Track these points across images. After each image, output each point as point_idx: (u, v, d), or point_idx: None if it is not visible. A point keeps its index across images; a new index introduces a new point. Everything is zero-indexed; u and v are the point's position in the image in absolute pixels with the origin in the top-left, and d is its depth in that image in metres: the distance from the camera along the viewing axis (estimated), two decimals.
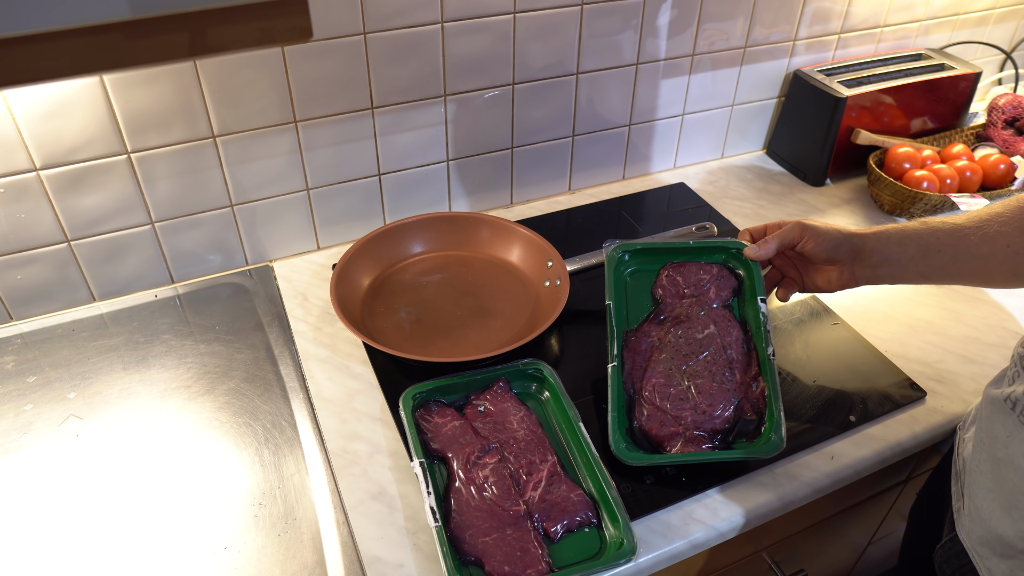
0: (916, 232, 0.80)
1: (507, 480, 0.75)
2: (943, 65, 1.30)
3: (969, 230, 0.77)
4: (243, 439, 0.83)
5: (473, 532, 0.71)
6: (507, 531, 0.71)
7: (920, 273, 0.80)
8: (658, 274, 0.90)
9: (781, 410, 0.78)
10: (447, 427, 0.81)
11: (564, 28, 1.05)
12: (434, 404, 0.83)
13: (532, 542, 0.71)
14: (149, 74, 0.86)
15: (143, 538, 0.73)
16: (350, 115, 0.99)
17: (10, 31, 0.43)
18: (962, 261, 0.78)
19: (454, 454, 0.78)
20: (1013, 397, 0.68)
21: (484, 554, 0.70)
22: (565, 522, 0.73)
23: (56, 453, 0.81)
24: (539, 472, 0.76)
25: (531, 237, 1.05)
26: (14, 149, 0.84)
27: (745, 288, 0.88)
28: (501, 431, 0.81)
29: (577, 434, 0.79)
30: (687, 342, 0.83)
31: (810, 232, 0.81)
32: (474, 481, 0.75)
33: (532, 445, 0.79)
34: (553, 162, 1.20)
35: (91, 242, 0.95)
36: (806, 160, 1.29)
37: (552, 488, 0.75)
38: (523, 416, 0.82)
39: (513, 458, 0.78)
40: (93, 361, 0.92)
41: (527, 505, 0.74)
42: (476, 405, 0.84)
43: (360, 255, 1.02)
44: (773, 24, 1.21)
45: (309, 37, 0.52)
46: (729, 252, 0.90)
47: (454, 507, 0.74)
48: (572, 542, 0.72)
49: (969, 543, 0.73)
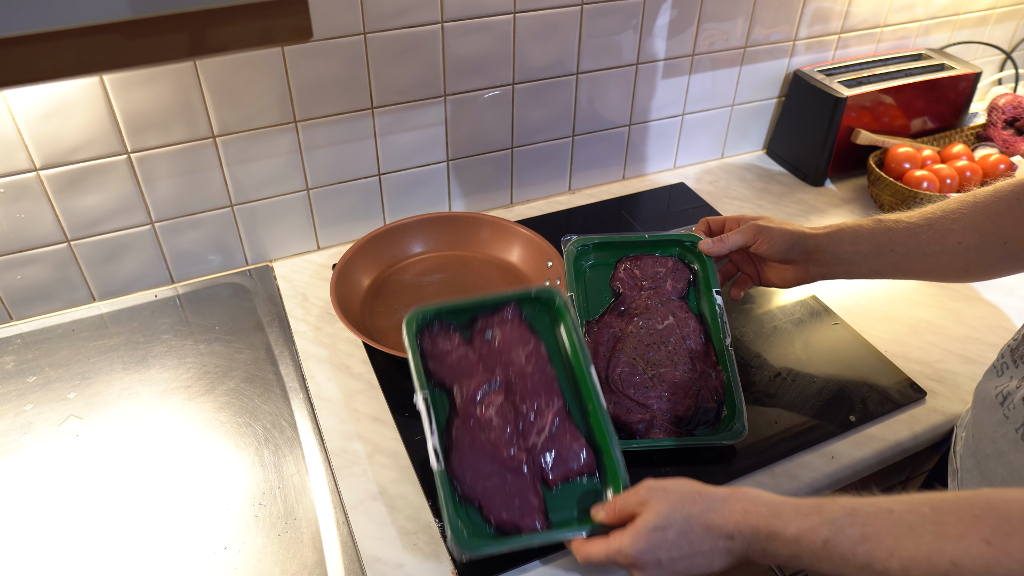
0: (869, 231, 0.81)
1: (511, 422, 0.73)
2: (943, 65, 1.30)
3: (921, 228, 0.79)
4: (243, 439, 0.83)
5: (473, 474, 0.70)
6: (507, 477, 0.70)
7: (873, 270, 0.82)
8: (616, 267, 0.92)
9: (742, 399, 0.80)
10: (453, 355, 0.76)
11: (564, 28, 1.05)
12: (439, 327, 0.78)
13: (531, 491, 0.70)
14: (149, 74, 0.86)
15: (143, 538, 0.73)
16: (350, 115, 0.99)
17: (10, 31, 0.43)
18: (914, 259, 0.79)
19: (458, 386, 0.74)
20: (1004, 392, 0.68)
21: (483, 498, 0.69)
22: (565, 471, 0.72)
23: (56, 453, 0.81)
24: (544, 417, 0.74)
25: (531, 237, 1.05)
26: (14, 149, 0.84)
27: (700, 281, 0.90)
28: (508, 364, 0.77)
29: (587, 379, 0.75)
30: (648, 332, 0.85)
31: (764, 234, 0.83)
32: (477, 420, 0.73)
33: (540, 386, 0.75)
34: (553, 162, 1.20)
35: (91, 242, 0.95)
36: (806, 160, 1.29)
37: (556, 435, 0.73)
38: (532, 350, 0.77)
39: (519, 398, 0.75)
40: (93, 361, 0.92)
41: (529, 451, 0.72)
42: (484, 330, 0.79)
43: (360, 255, 1.02)
44: (773, 24, 1.21)
45: (309, 37, 0.52)
46: (683, 246, 0.92)
47: (456, 445, 0.71)
48: (570, 491, 0.72)
49: None
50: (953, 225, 0.77)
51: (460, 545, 0.65)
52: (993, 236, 0.75)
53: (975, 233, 0.76)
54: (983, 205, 0.76)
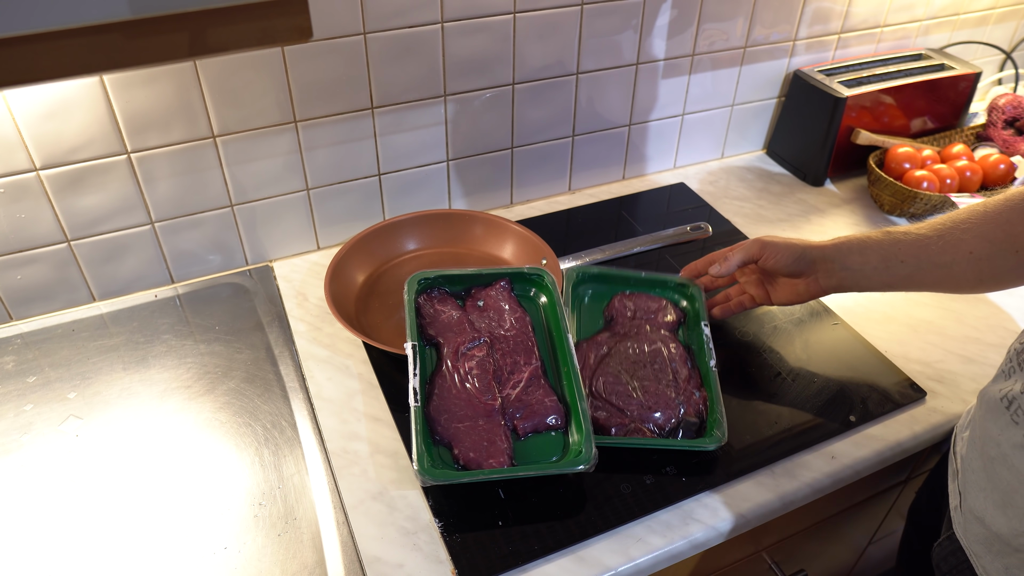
0: (877, 242, 0.80)
1: (489, 374, 0.81)
2: (943, 65, 1.30)
3: (931, 239, 0.77)
4: (243, 439, 0.83)
5: (448, 417, 0.77)
6: (479, 421, 0.76)
7: (884, 283, 0.81)
8: (611, 299, 0.96)
9: (723, 412, 0.81)
10: (445, 315, 0.86)
11: (564, 28, 1.05)
12: (437, 292, 0.88)
13: (500, 435, 0.76)
14: (149, 74, 0.86)
15: (143, 538, 0.73)
16: (350, 115, 0.99)
17: (10, 31, 0.43)
18: (925, 270, 0.78)
19: (446, 341, 0.83)
20: (1010, 395, 0.68)
21: (454, 438, 0.75)
22: (535, 422, 0.78)
23: (56, 453, 0.81)
24: (521, 372, 0.82)
25: (524, 234, 1.05)
26: (14, 149, 0.84)
27: (689, 318, 0.94)
28: (495, 328, 0.86)
29: (564, 344, 0.83)
30: (635, 352, 0.87)
31: (770, 248, 0.84)
32: (459, 370, 0.80)
33: (520, 346, 0.84)
34: (553, 162, 1.20)
35: (91, 242, 0.95)
36: (806, 160, 1.29)
37: (530, 389, 0.80)
38: (518, 317, 0.87)
39: (500, 355, 0.83)
40: (93, 361, 0.92)
41: (503, 400, 0.79)
42: (476, 299, 0.89)
43: (354, 252, 1.02)
44: (773, 24, 1.21)
45: (309, 37, 0.52)
46: (675, 288, 0.96)
47: (436, 391, 0.79)
48: (538, 442, 0.78)
49: (965, 541, 0.73)
50: (964, 235, 0.76)
51: (423, 473, 0.70)
52: (1005, 245, 0.74)
53: (986, 242, 0.75)
54: (994, 214, 0.75)
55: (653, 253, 1.11)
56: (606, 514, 0.75)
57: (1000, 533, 0.68)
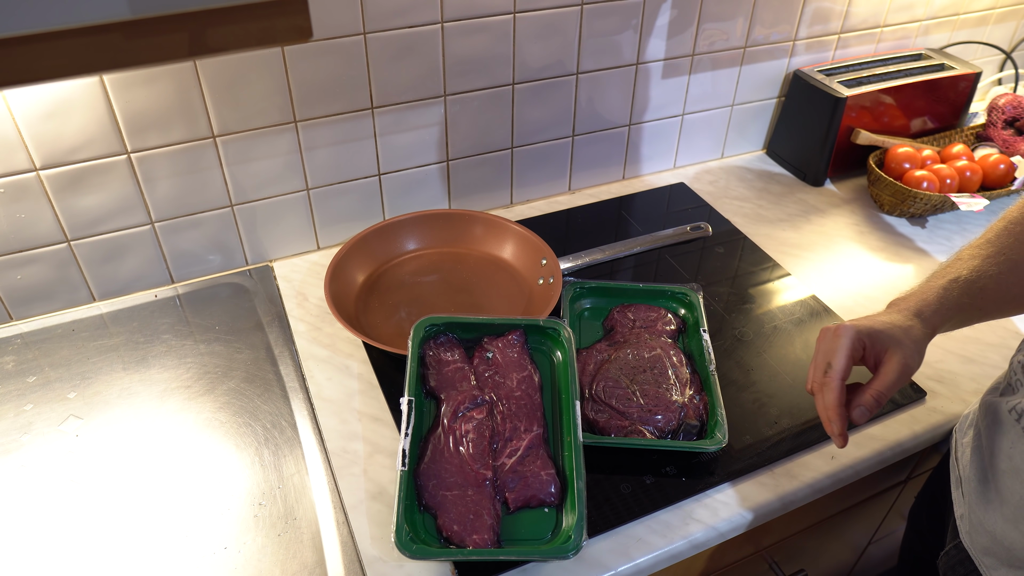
0: (958, 305, 0.73)
1: (486, 439, 0.76)
2: (943, 65, 1.30)
3: (1003, 275, 0.72)
4: (243, 439, 0.83)
5: (437, 483, 0.73)
6: (468, 491, 0.72)
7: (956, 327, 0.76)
8: (610, 311, 0.96)
9: (724, 416, 0.81)
10: (449, 367, 0.81)
11: (564, 28, 1.05)
12: (444, 339, 0.84)
13: (488, 509, 0.72)
14: (149, 74, 0.86)
15: (143, 538, 0.73)
16: (350, 115, 0.99)
17: (10, 31, 0.43)
18: (1003, 312, 0.75)
19: (447, 398, 0.79)
20: (1019, 409, 0.68)
21: (440, 507, 0.72)
22: (527, 496, 0.73)
23: (56, 453, 0.81)
24: (520, 440, 0.77)
25: (524, 234, 1.05)
26: (14, 149, 0.84)
27: (689, 325, 0.95)
28: (499, 386, 0.81)
29: (571, 410, 0.78)
30: (635, 358, 0.87)
31: (906, 372, 0.72)
32: (455, 432, 0.76)
33: (523, 410, 0.79)
34: (553, 162, 1.20)
35: (91, 242, 0.95)
36: (806, 160, 1.29)
37: (527, 459, 0.75)
38: (526, 376, 0.82)
39: (501, 418, 0.79)
40: (93, 361, 0.92)
41: (497, 470, 0.75)
42: (486, 349, 0.84)
43: (354, 252, 1.02)
44: (773, 24, 1.21)
45: (309, 37, 0.52)
46: (674, 297, 0.97)
47: (430, 451, 0.75)
48: (529, 518, 0.73)
49: (974, 552, 0.73)
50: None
51: (400, 546, 0.67)
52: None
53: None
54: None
55: (653, 253, 1.11)
56: (606, 514, 0.75)
57: (1013, 547, 0.67)
